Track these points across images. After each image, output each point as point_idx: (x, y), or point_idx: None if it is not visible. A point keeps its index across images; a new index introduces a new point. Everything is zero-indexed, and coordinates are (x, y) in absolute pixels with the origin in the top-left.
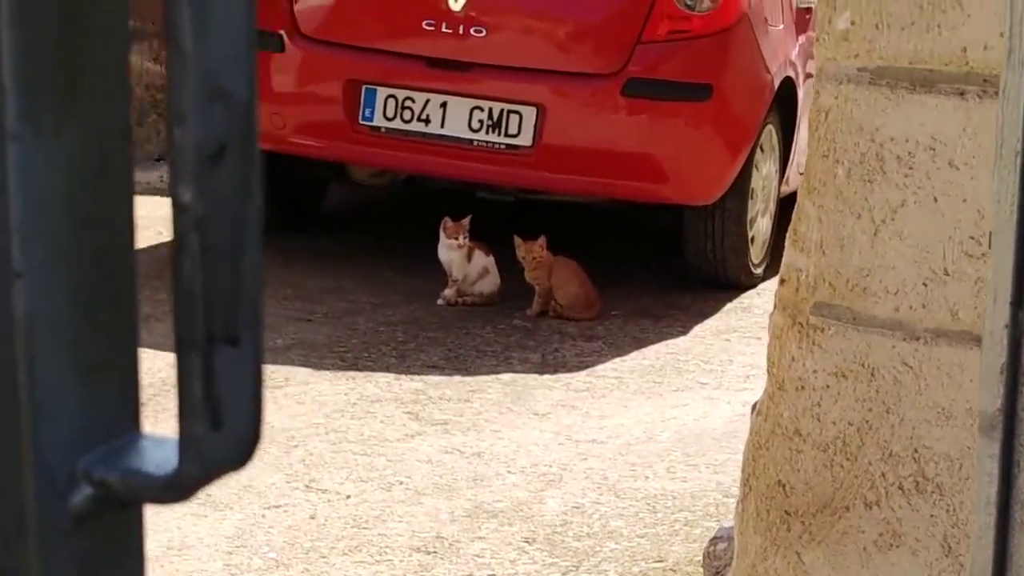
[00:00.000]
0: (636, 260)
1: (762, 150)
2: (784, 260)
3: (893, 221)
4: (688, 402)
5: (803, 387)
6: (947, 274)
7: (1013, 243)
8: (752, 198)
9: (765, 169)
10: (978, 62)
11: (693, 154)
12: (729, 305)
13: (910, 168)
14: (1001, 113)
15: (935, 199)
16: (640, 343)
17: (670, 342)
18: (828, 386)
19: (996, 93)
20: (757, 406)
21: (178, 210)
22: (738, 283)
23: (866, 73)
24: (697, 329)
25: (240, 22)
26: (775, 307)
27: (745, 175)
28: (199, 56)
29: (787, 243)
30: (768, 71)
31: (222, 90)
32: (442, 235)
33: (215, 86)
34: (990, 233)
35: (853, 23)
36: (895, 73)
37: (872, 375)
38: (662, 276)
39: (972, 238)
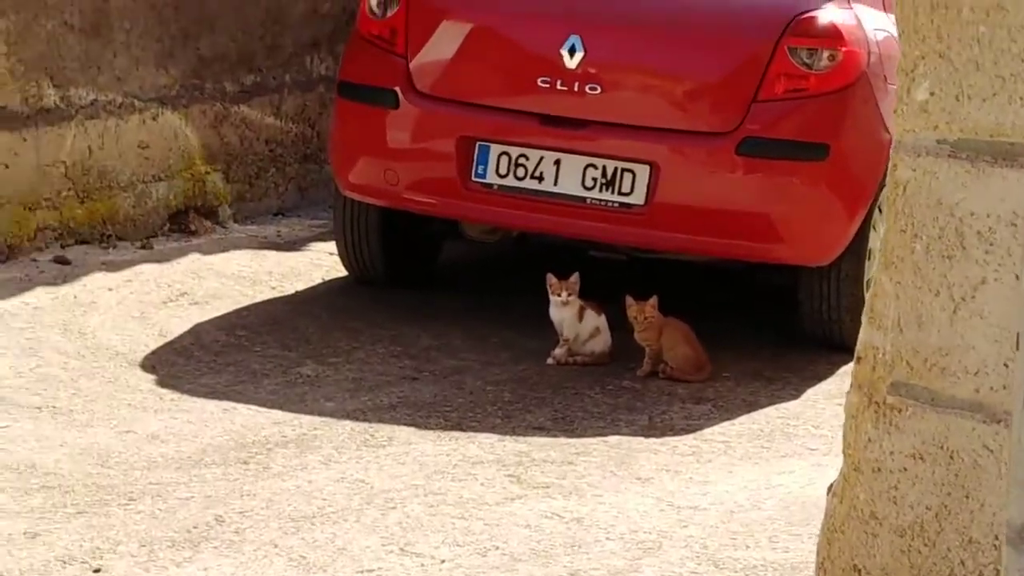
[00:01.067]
0: (749, 321)
1: (880, 211)
2: (860, 337)
3: (973, 299)
4: (795, 468)
5: (879, 469)
6: None
7: None
8: (869, 259)
9: (883, 229)
10: None
11: (809, 214)
12: (844, 368)
13: (991, 244)
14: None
15: (1017, 276)
16: (750, 406)
17: (781, 406)
18: (905, 468)
19: None
20: (832, 487)
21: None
22: (854, 345)
23: (945, 145)
24: (810, 392)
25: None
26: (851, 386)
27: (862, 236)
28: None
29: (864, 320)
30: (887, 130)
31: None
32: (551, 293)
33: None
34: (1017, 335)
35: (932, 94)
36: (975, 146)
37: (951, 458)
38: (775, 338)
39: None
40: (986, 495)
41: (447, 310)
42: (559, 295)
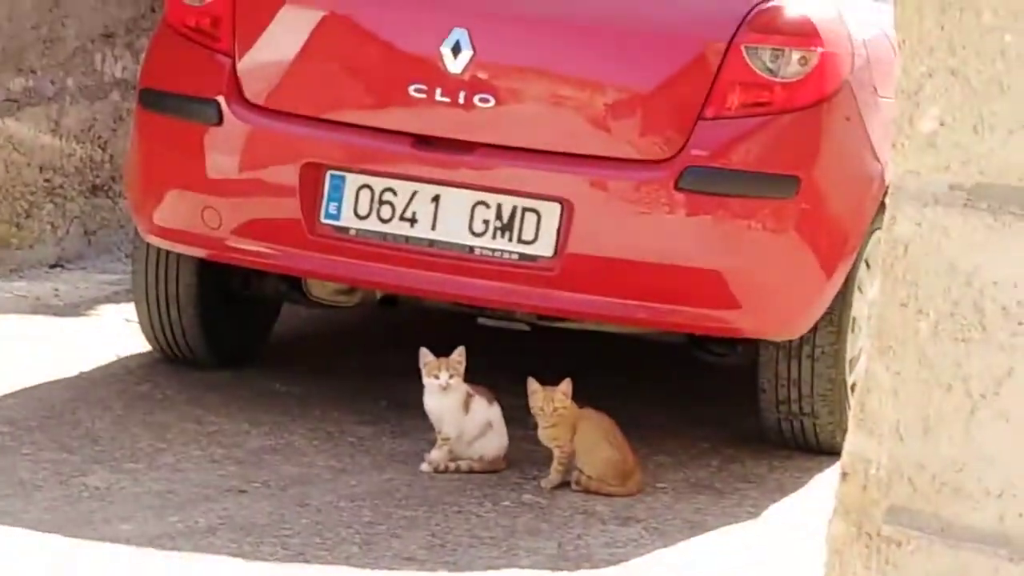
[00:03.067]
0: (693, 415)
1: (868, 266)
2: (847, 447)
3: (997, 396)
4: None
5: None
6: None
7: None
8: (853, 331)
9: (871, 292)
10: None
11: (772, 271)
12: (818, 477)
13: (1020, 324)
14: None
15: None
16: (695, 529)
17: (736, 528)
18: None
19: None
20: None
21: None
22: (832, 448)
23: (960, 193)
24: (773, 511)
25: None
26: (835, 511)
27: (843, 300)
28: None
29: (851, 423)
30: (877, 157)
31: None
32: (424, 376)
33: None
34: None
35: (943, 124)
36: (1000, 193)
37: None
38: (728, 436)
39: None
40: None
41: (285, 398)
42: (437, 377)
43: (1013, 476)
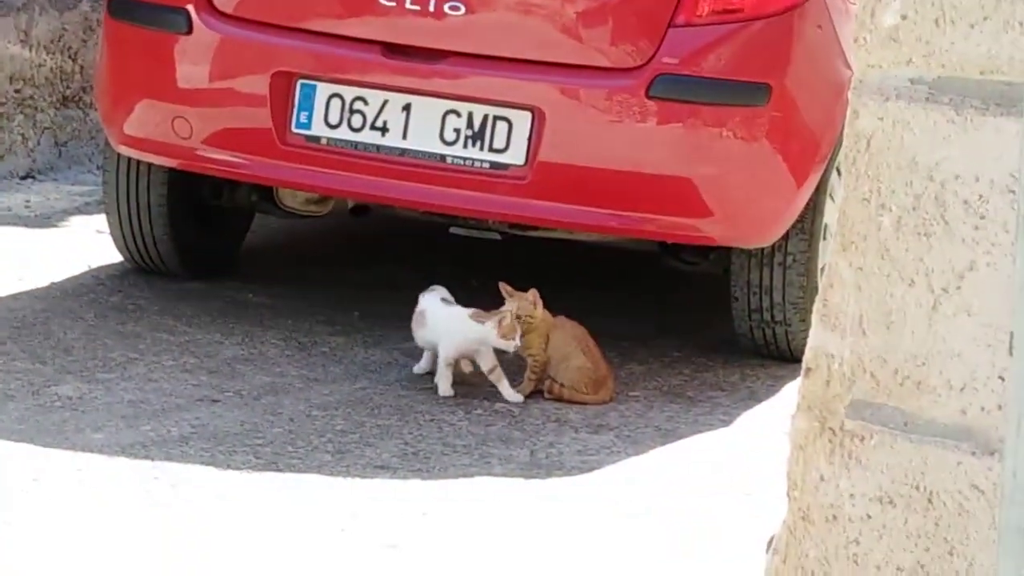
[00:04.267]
0: (665, 323)
1: (839, 173)
2: (810, 342)
3: (959, 290)
4: (728, 519)
5: (836, 517)
6: None
7: None
8: (825, 238)
9: (841, 198)
10: None
11: (744, 178)
12: (791, 386)
13: (981, 218)
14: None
15: (1015, 260)
16: (667, 437)
17: (708, 436)
18: (870, 516)
19: None
20: (773, 542)
21: None
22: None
23: (922, 86)
24: (745, 418)
25: None
26: (798, 407)
27: (815, 207)
28: None
29: (815, 319)
30: (848, 65)
31: None
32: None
33: None
34: (1011, 334)
35: (905, 17)
36: (962, 86)
37: (930, 502)
38: (700, 345)
39: None
40: (976, 551)
41: (258, 309)
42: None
43: (975, 370)
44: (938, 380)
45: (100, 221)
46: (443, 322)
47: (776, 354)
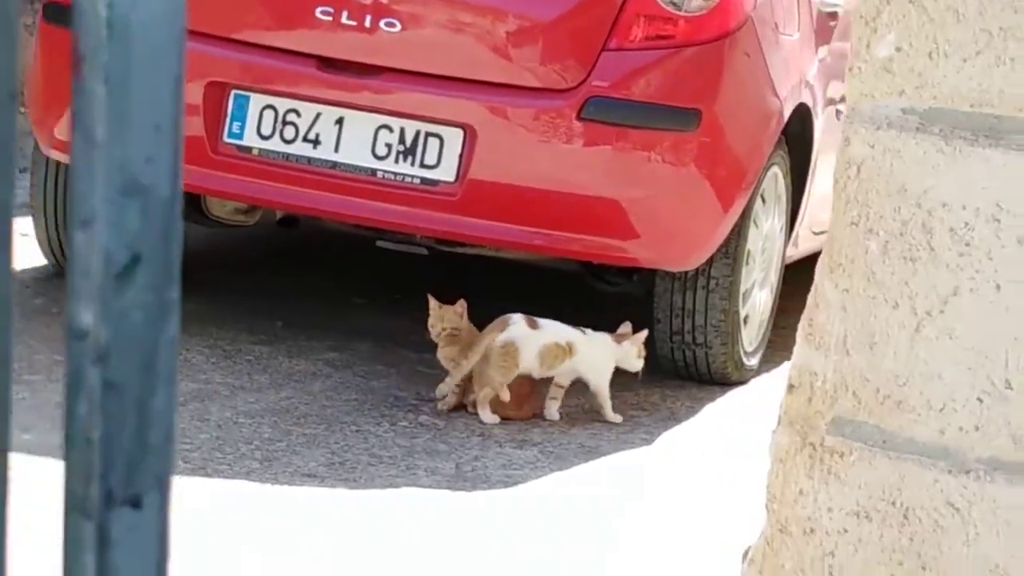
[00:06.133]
0: None
1: (763, 200)
2: (794, 360)
3: (942, 314)
4: (650, 542)
5: (813, 530)
6: (1010, 387)
7: None
8: (748, 264)
9: (766, 226)
10: None
11: (671, 202)
12: (710, 407)
13: (967, 244)
14: None
15: (998, 287)
16: (589, 454)
17: (630, 454)
18: (846, 530)
19: None
20: (750, 553)
21: (75, 336)
22: (724, 378)
23: (913, 116)
24: (666, 438)
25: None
26: (779, 422)
27: (739, 233)
28: (113, 145)
29: (799, 337)
30: (776, 95)
31: (139, 185)
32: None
33: (131, 179)
34: None
35: (899, 49)
36: (952, 118)
37: (905, 518)
38: None
39: None
40: (948, 567)
41: (184, 316)
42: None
43: (954, 391)
44: (918, 400)
45: (24, 224)
46: (593, 349)
47: (697, 376)
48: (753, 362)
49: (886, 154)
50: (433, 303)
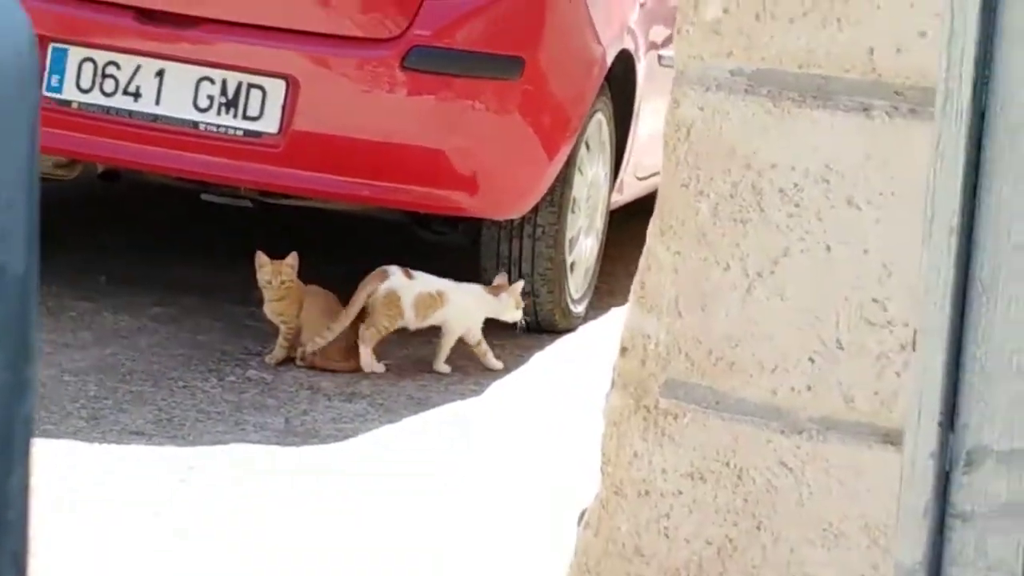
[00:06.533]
0: None
1: (588, 147)
2: (626, 322)
3: (772, 275)
4: (480, 490)
5: (648, 492)
6: (840, 347)
7: (944, 346)
8: (573, 211)
9: (591, 173)
10: (888, 69)
11: (495, 150)
12: (539, 356)
13: (796, 205)
14: (933, 175)
15: (828, 247)
16: (419, 405)
17: (459, 405)
18: (681, 492)
19: (911, 111)
20: (585, 516)
21: None
22: (552, 325)
23: (742, 78)
24: (495, 388)
25: (16, 182)
26: (612, 384)
27: (564, 181)
28: None
29: (631, 299)
30: (599, 41)
31: None
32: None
33: None
34: (915, 332)
35: (726, 11)
36: (780, 79)
37: (739, 478)
38: None
39: (875, 300)
40: (782, 526)
41: None
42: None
43: (786, 352)
44: (750, 361)
45: None
46: (465, 299)
47: (524, 324)
48: (580, 309)
49: (715, 116)
50: (263, 258)
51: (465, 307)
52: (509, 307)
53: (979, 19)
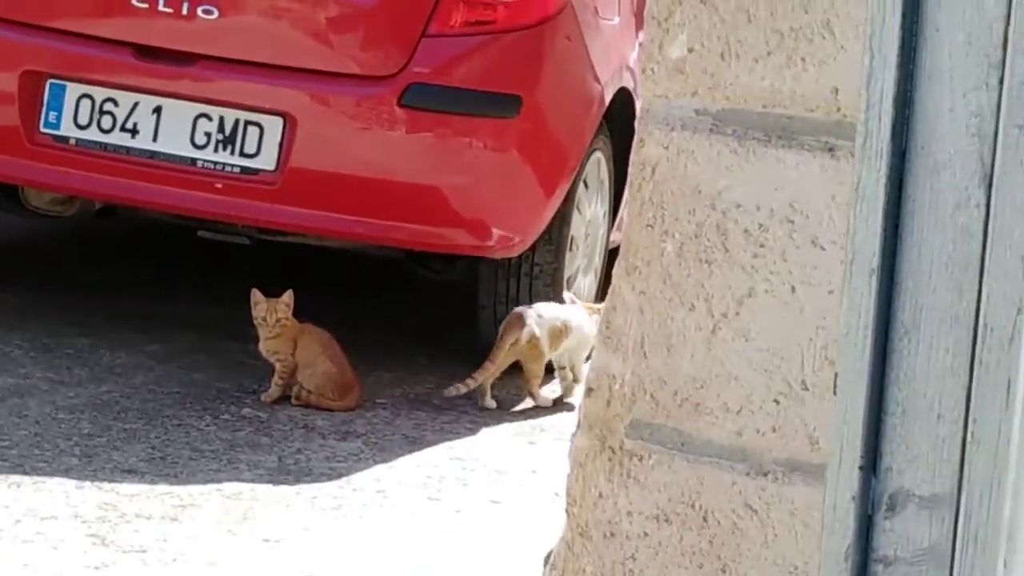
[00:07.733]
0: (411, 331)
1: (586, 186)
2: (592, 363)
3: (738, 316)
4: (474, 529)
5: (613, 534)
6: (806, 388)
7: (865, 389)
8: (571, 250)
9: (590, 211)
10: (853, 109)
11: (492, 188)
12: None
13: (761, 246)
14: (854, 215)
15: (792, 288)
16: (414, 444)
17: (455, 444)
18: (646, 534)
19: None
20: (551, 557)
21: None
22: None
23: (706, 117)
24: (492, 428)
25: None
26: (578, 425)
27: (562, 219)
28: None
29: (597, 341)
30: (597, 80)
31: None
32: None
33: None
34: (835, 375)
35: (691, 50)
36: (744, 119)
37: (704, 520)
38: (448, 353)
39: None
40: (747, 568)
41: (1, 309)
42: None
43: (751, 393)
44: (715, 403)
45: None
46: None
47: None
48: None
49: (680, 155)
50: (258, 295)
51: (587, 332)
52: None
53: (898, 58)
